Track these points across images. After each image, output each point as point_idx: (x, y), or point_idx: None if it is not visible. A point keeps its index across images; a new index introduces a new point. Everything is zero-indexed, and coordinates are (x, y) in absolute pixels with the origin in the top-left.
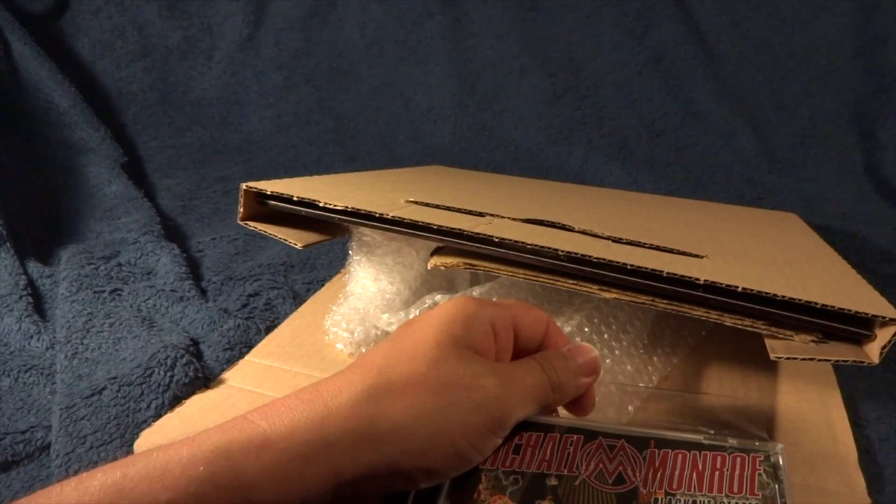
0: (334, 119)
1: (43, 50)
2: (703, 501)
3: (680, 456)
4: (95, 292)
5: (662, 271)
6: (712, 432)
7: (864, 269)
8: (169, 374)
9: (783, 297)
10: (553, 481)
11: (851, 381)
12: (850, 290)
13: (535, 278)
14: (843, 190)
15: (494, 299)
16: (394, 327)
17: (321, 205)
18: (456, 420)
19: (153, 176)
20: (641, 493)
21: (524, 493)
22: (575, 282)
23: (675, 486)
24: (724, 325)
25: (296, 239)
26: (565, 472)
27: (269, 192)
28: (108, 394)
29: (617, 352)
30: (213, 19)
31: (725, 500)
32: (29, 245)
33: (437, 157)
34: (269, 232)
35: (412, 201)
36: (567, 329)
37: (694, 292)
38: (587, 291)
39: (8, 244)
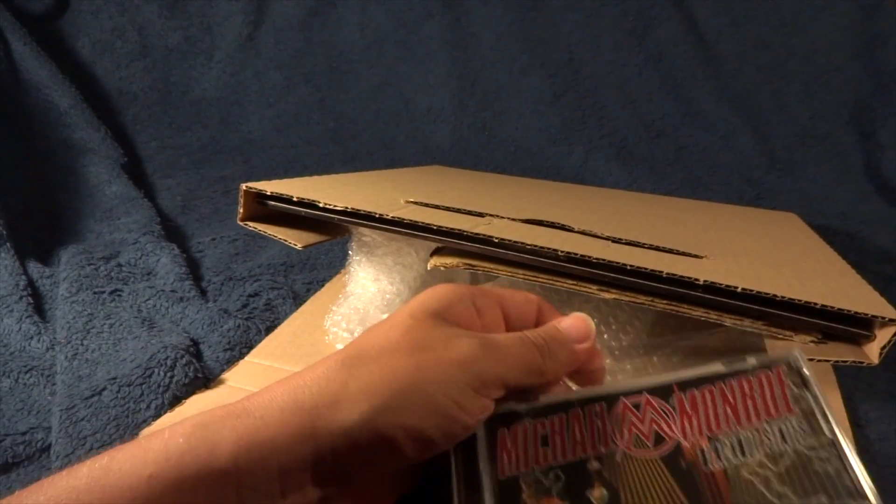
0: (334, 119)
1: (43, 50)
2: (747, 436)
3: (707, 393)
4: (95, 293)
5: (662, 271)
6: (728, 359)
7: (864, 269)
8: (169, 374)
9: (783, 297)
10: (594, 465)
11: (851, 381)
12: (849, 291)
13: (535, 278)
14: (843, 190)
15: None
16: None
17: (321, 205)
18: (431, 375)
19: (153, 176)
20: (685, 447)
21: (571, 488)
22: (574, 282)
23: (714, 429)
24: (723, 326)
25: (296, 239)
26: (603, 450)
27: (268, 193)
28: (108, 394)
29: (617, 352)
30: (213, 19)
31: (767, 427)
32: (29, 245)
33: (437, 157)
34: (269, 232)
35: (412, 201)
36: None
37: (693, 292)
38: (587, 291)
39: (8, 244)
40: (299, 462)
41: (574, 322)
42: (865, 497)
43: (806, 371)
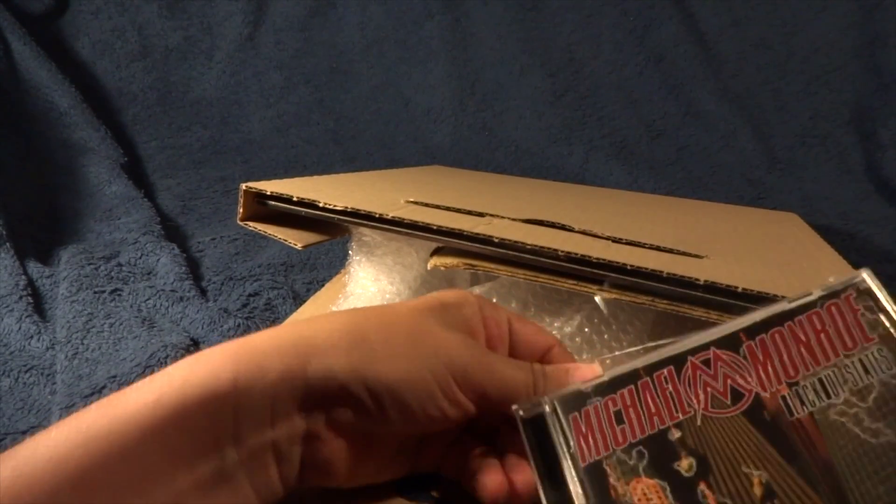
0: (334, 119)
1: (43, 50)
2: (828, 375)
3: (777, 336)
4: (95, 292)
5: (662, 271)
6: (792, 296)
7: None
8: None
9: (783, 297)
10: (675, 433)
11: None
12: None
13: (535, 278)
14: (844, 190)
15: (494, 300)
16: None
17: (321, 205)
18: (423, 351)
19: (153, 176)
20: (765, 398)
21: (657, 463)
22: (575, 282)
23: (792, 374)
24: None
25: (296, 239)
26: (681, 417)
27: (268, 193)
28: (108, 393)
29: (617, 352)
30: (213, 19)
31: (846, 361)
32: (29, 245)
33: (437, 157)
34: (269, 232)
35: (412, 201)
36: (567, 329)
37: (694, 292)
38: (587, 291)
39: (8, 244)
40: (290, 391)
41: (588, 372)
42: None
43: (878, 292)
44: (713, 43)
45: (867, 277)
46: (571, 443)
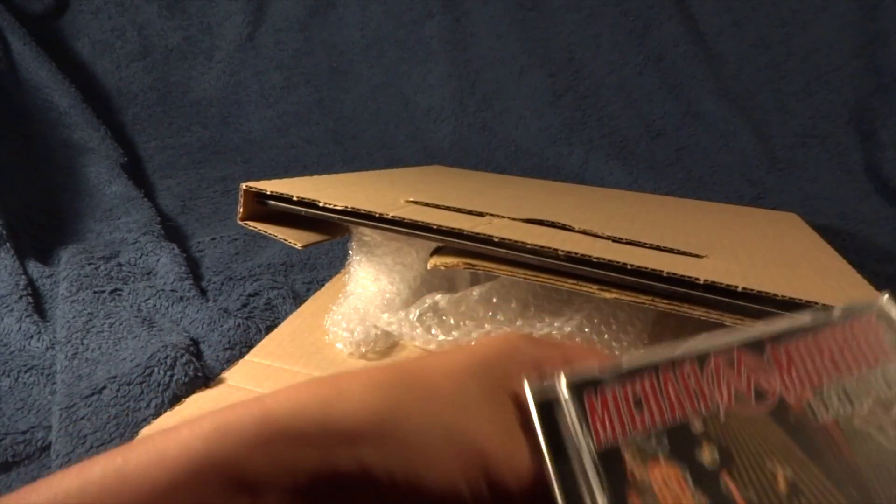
0: (334, 119)
1: (43, 50)
2: (852, 386)
3: (802, 346)
4: (95, 292)
5: (662, 271)
6: (814, 312)
7: (864, 269)
8: (169, 373)
9: (783, 296)
10: (698, 426)
11: None
12: (850, 290)
13: (535, 278)
14: (844, 190)
15: (494, 300)
16: (393, 327)
17: (321, 205)
18: (459, 450)
19: (153, 176)
20: (790, 402)
21: (678, 451)
22: (575, 282)
23: (817, 381)
24: (724, 325)
25: (296, 239)
26: (704, 411)
27: (268, 192)
28: (108, 393)
29: (617, 352)
30: (213, 19)
31: (869, 375)
32: (29, 245)
33: (437, 157)
34: (269, 232)
35: (412, 201)
36: (567, 329)
37: (694, 292)
38: (587, 291)
39: (8, 244)
40: (315, 482)
41: None
42: None
43: None
44: (713, 43)
45: (887, 303)
46: (586, 426)
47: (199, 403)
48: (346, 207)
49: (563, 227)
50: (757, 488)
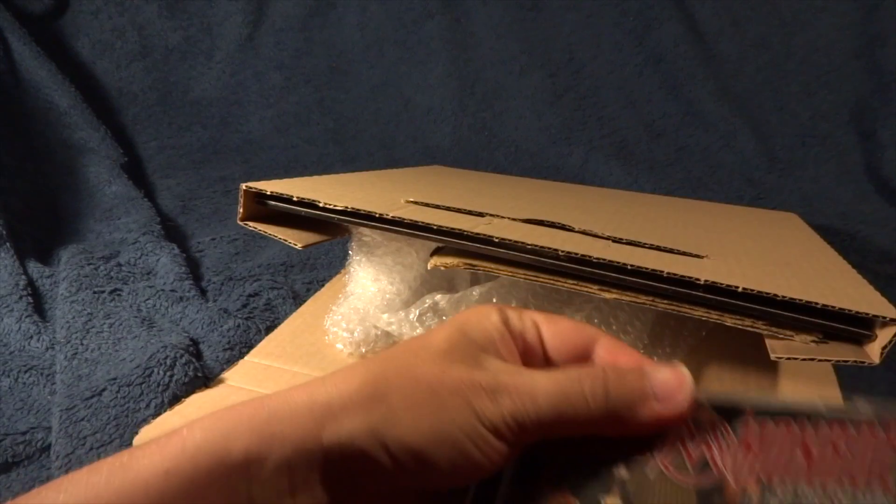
0: (334, 119)
1: (43, 50)
2: (806, 493)
3: (784, 428)
4: (95, 292)
5: (663, 271)
6: (833, 403)
7: (865, 269)
8: (168, 373)
9: (783, 297)
10: (622, 472)
11: (851, 381)
12: (850, 290)
13: (535, 278)
14: (844, 190)
15: (494, 300)
16: (394, 327)
17: (321, 205)
18: (449, 404)
19: (153, 176)
20: (729, 485)
21: (586, 487)
22: (575, 282)
23: (771, 473)
24: (724, 326)
25: (295, 239)
26: (637, 458)
27: (268, 193)
28: (108, 395)
29: None
30: (213, 19)
31: (838, 491)
32: (29, 245)
33: (437, 157)
34: (269, 232)
35: (412, 201)
36: None
37: (694, 292)
38: (587, 291)
39: (8, 244)
40: (308, 460)
41: (671, 377)
42: None
43: None
44: (713, 43)
45: None
46: None
47: (198, 404)
48: (346, 208)
49: (563, 228)
50: None
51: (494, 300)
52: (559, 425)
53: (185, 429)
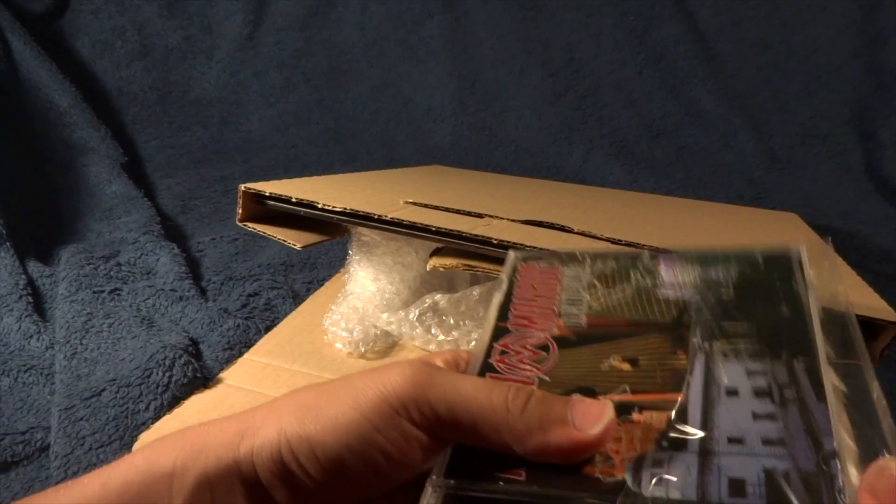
0: (334, 119)
1: (43, 50)
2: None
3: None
4: (95, 292)
5: None
6: None
7: (864, 268)
8: (167, 374)
9: None
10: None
11: None
12: (850, 291)
13: None
14: (844, 189)
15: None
16: (393, 327)
17: (320, 206)
18: (354, 393)
19: (153, 176)
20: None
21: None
22: None
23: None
24: None
25: (295, 239)
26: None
27: (268, 194)
28: (107, 395)
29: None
30: (213, 19)
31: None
32: (29, 245)
33: (437, 157)
34: (268, 233)
35: (411, 202)
36: None
37: None
38: None
39: (8, 244)
40: (226, 472)
41: (595, 411)
42: None
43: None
44: (713, 43)
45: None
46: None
47: (198, 405)
48: (345, 209)
49: (563, 229)
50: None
51: None
52: (478, 425)
53: (135, 451)
